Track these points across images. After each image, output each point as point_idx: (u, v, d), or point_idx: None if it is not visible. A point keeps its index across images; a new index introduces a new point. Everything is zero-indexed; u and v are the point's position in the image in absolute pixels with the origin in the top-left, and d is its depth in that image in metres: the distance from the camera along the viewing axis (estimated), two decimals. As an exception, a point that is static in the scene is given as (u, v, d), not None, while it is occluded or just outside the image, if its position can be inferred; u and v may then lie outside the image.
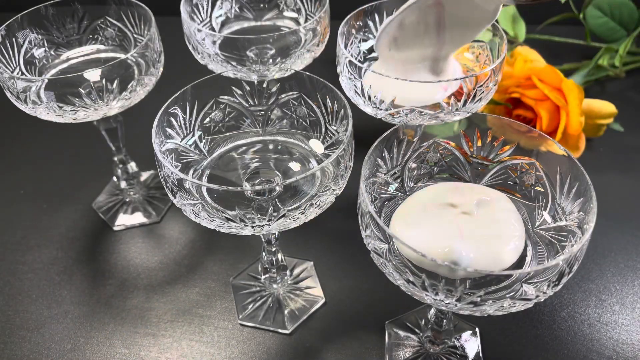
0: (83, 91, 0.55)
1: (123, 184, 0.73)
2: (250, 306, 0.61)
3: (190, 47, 0.65)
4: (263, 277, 0.61)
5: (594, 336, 0.57)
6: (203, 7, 0.70)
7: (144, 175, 0.77)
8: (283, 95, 0.55)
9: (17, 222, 0.72)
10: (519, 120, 0.54)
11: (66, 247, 0.68)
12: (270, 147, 0.56)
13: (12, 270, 0.66)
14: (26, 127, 0.86)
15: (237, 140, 0.55)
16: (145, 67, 0.59)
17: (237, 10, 0.73)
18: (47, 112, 0.56)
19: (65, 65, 0.65)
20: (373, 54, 0.65)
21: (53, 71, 0.64)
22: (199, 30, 0.63)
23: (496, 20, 0.54)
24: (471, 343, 0.57)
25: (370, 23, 0.63)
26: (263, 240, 0.57)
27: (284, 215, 0.44)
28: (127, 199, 0.73)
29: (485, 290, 0.38)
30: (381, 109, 0.55)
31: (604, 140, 0.78)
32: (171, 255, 0.67)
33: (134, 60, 0.59)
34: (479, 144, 0.50)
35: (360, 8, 0.62)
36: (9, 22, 0.60)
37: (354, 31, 0.62)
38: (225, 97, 0.54)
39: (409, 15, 0.53)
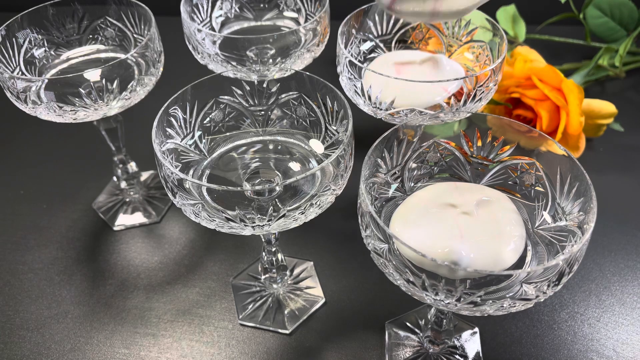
0: (83, 91, 0.55)
1: (123, 184, 0.73)
2: (250, 306, 0.61)
3: (190, 47, 0.65)
4: (263, 277, 0.61)
5: (594, 336, 0.57)
6: (203, 7, 0.70)
7: (144, 175, 0.76)
8: (283, 95, 0.55)
9: (17, 222, 0.72)
10: (519, 120, 0.54)
11: (66, 247, 0.68)
12: (270, 147, 0.56)
13: (12, 270, 0.66)
14: (26, 127, 0.86)
15: (237, 140, 0.55)
16: (145, 67, 0.59)
17: (237, 10, 0.73)
18: (47, 112, 0.56)
19: (65, 65, 0.65)
20: (373, 54, 0.65)
21: (53, 71, 0.64)
22: (199, 30, 0.63)
23: (496, 20, 0.54)
24: (471, 343, 0.57)
25: (370, 23, 0.63)
26: (263, 240, 0.57)
27: (284, 215, 0.44)
28: (127, 199, 0.73)
29: (485, 290, 0.38)
30: (381, 109, 0.55)
31: (604, 140, 0.78)
32: (171, 255, 0.67)
33: (134, 60, 0.59)
34: (479, 144, 0.50)
35: (360, 8, 0.62)
36: (9, 22, 0.60)
37: (354, 31, 0.62)
38: (225, 97, 0.54)
39: None
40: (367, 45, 0.64)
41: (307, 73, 0.52)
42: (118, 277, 0.65)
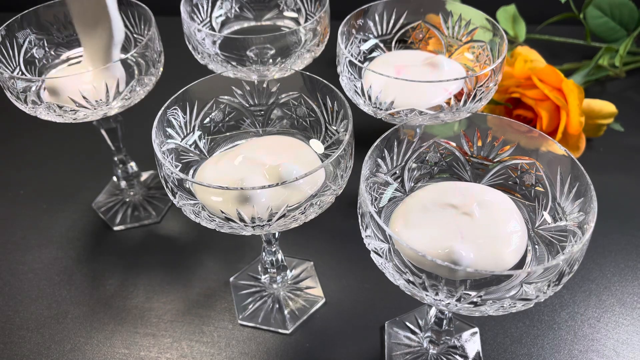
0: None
1: (123, 184, 0.73)
2: (250, 306, 0.61)
3: (190, 47, 0.65)
4: (263, 277, 0.61)
5: (594, 336, 0.57)
6: (203, 7, 0.70)
7: (144, 175, 0.76)
8: (283, 95, 0.55)
9: (17, 222, 0.72)
10: (519, 120, 0.54)
11: (66, 247, 0.68)
12: (270, 147, 0.56)
13: (12, 270, 0.66)
14: (26, 127, 0.86)
15: (237, 140, 0.55)
16: (145, 67, 0.59)
17: (237, 10, 0.73)
18: (47, 112, 0.56)
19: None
20: (373, 54, 0.65)
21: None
22: (199, 30, 0.63)
23: (496, 20, 0.54)
24: (471, 343, 0.57)
25: (370, 23, 0.63)
26: (263, 240, 0.57)
27: (284, 215, 0.44)
28: (127, 199, 0.73)
29: (485, 290, 0.38)
30: (381, 109, 0.55)
31: (604, 140, 0.78)
32: (171, 255, 0.67)
33: (134, 60, 0.59)
34: (479, 144, 0.50)
35: (360, 8, 0.62)
36: (9, 22, 0.60)
37: (354, 31, 0.62)
38: (225, 97, 0.54)
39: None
40: (367, 45, 0.64)
41: (307, 73, 0.52)
42: (118, 277, 0.65)
